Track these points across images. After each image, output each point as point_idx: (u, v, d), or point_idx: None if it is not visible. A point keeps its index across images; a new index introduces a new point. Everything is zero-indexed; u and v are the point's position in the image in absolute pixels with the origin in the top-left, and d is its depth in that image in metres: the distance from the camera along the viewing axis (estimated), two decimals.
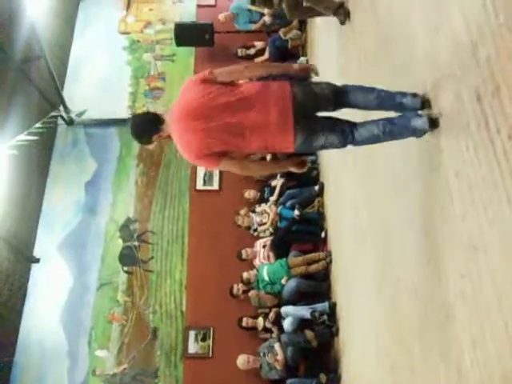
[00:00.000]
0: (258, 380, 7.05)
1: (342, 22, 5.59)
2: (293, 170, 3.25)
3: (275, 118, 2.95)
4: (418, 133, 3.01)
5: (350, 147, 3.20)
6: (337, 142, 3.07)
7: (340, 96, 3.13)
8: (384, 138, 3.07)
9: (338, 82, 3.25)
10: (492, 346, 2.40)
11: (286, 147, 3.02)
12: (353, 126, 3.09)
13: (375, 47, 4.53)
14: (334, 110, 3.13)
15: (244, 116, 2.97)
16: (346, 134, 3.05)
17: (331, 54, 6.69)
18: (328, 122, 3.11)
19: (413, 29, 3.46)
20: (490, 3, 2.37)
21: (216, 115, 2.99)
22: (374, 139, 3.11)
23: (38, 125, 8.29)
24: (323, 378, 6.33)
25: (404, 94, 3.08)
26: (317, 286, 6.96)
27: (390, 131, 3.02)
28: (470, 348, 2.61)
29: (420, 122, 2.96)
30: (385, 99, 3.10)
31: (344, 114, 3.24)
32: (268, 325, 7.08)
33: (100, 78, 10.28)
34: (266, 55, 9.58)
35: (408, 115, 3.02)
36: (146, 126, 3.24)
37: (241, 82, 3.21)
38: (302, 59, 8.96)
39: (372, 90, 3.16)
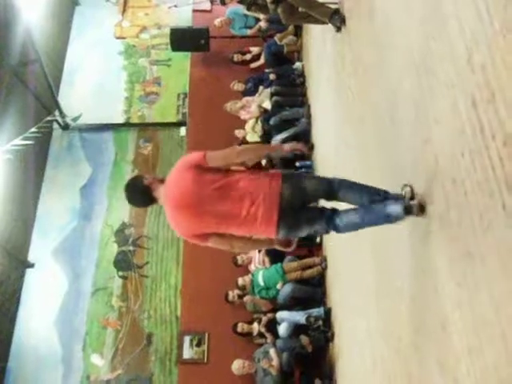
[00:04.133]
0: None
1: (338, 29, 5.60)
2: (279, 248, 3.41)
3: (262, 213, 3.08)
4: (393, 219, 3.09)
5: (333, 233, 3.33)
6: (320, 230, 3.26)
7: (331, 195, 3.24)
8: (364, 225, 3.20)
9: (331, 175, 3.37)
10: (488, 355, 2.39)
11: (270, 236, 3.21)
12: (336, 214, 3.19)
13: (371, 53, 4.53)
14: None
15: (233, 206, 3.10)
16: (330, 223, 3.18)
17: (327, 59, 6.70)
18: (313, 213, 3.24)
19: (408, 36, 3.47)
20: (485, 11, 2.38)
21: (207, 203, 3.11)
22: (354, 227, 3.24)
23: (33, 129, 8.27)
24: (318, 383, 6.32)
25: (390, 198, 3.13)
26: (312, 292, 6.96)
27: (369, 220, 3.15)
28: (466, 356, 2.61)
29: (395, 209, 3.05)
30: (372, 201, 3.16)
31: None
32: (261, 329, 7.07)
33: (95, 83, 10.28)
34: (262, 60, 9.59)
35: (386, 202, 3.10)
36: (143, 201, 3.42)
37: (234, 168, 3.31)
38: (298, 64, 8.98)
39: (360, 191, 3.21)
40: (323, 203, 3.42)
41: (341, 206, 3.32)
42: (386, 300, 4.07)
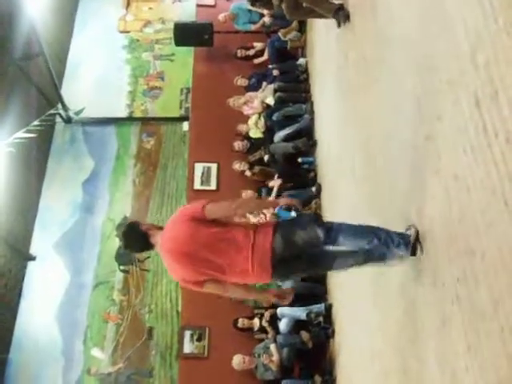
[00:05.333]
0: (253, 381, 7.04)
1: (342, 24, 5.59)
2: (275, 301, 3.55)
3: (255, 267, 3.15)
4: (387, 262, 3.25)
5: None
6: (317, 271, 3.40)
7: (327, 243, 3.24)
8: (360, 265, 3.35)
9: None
10: (487, 351, 2.40)
11: (265, 282, 3.39)
12: (332, 258, 3.29)
13: (374, 50, 4.53)
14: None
15: (228, 259, 3.17)
16: (325, 264, 3.34)
17: (330, 55, 6.69)
18: (308, 263, 3.29)
19: (412, 33, 3.46)
20: (490, 8, 2.38)
21: (202, 255, 3.17)
22: (350, 267, 3.38)
23: (35, 122, 8.26)
24: (318, 379, 6.34)
25: (392, 241, 3.18)
26: (313, 288, 6.96)
27: (367, 263, 3.29)
28: (465, 352, 2.61)
29: (397, 250, 3.16)
30: (371, 253, 3.25)
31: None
32: (264, 323, 7.07)
33: (99, 77, 10.27)
34: (265, 56, 9.58)
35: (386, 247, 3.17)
36: (140, 246, 3.44)
37: (235, 220, 3.38)
38: (302, 60, 8.96)
39: (361, 236, 3.23)
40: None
41: None
42: (386, 297, 4.07)
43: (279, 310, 6.87)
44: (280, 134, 8.25)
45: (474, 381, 2.51)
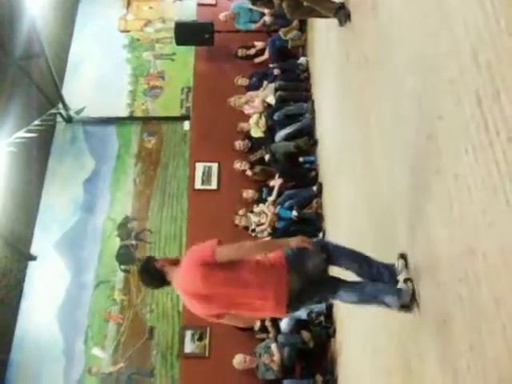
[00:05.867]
0: (255, 380, 7.05)
1: (343, 24, 5.59)
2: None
3: (271, 306, 3.29)
4: (389, 306, 3.40)
5: None
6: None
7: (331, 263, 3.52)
8: (361, 304, 3.54)
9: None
10: (489, 350, 2.40)
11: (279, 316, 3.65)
12: (335, 292, 3.45)
13: (375, 49, 4.52)
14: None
15: (242, 299, 3.31)
16: (333, 296, 3.51)
17: (331, 54, 6.69)
18: (317, 296, 3.53)
19: (413, 32, 3.46)
20: (491, 8, 2.37)
21: (216, 296, 3.31)
22: (352, 303, 3.59)
23: (36, 122, 8.26)
24: (319, 379, 6.34)
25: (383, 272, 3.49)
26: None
27: (368, 301, 3.47)
28: (467, 351, 2.61)
29: (391, 300, 3.35)
30: (364, 272, 3.50)
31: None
32: (267, 323, 7.07)
33: (99, 76, 10.26)
34: (266, 55, 9.57)
35: (384, 291, 3.40)
36: (157, 284, 3.56)
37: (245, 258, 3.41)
38: (303, 59, 8.96)
39: (355, 261, 3.53)
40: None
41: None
42: None
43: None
44: (281, 134, 8.25)
45: (476, 380, 2.51)
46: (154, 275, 3.43)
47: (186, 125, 9.76)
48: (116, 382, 7.90)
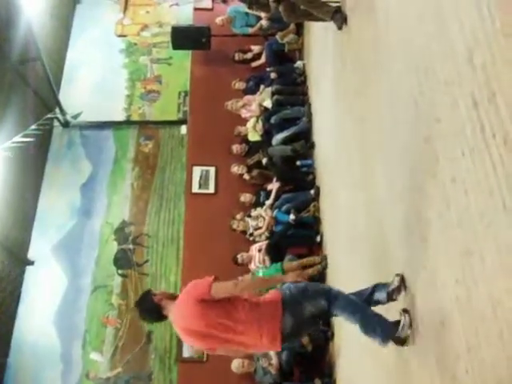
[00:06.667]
0: None
1: (339, 27, 5.60)
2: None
3: (264, 342, 3.36)
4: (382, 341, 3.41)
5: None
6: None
7: (326, 316, 3.61)
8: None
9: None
10: (487, 353, 2.40)
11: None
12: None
13: (372, 52, 4.53)
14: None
15: (237, 336, 3.37)
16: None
17: (328, 58, 6.70)
18: (311, 328, 3.63)
19: (409, 35, 3.47)
20: (487, 9, 2.38)
21: (212, 333, 3.37)
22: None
23: (33, 127, 8.26)
24: (318, 382, 6.32)
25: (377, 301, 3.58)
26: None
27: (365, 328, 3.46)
28: (465, 354, 2.61)
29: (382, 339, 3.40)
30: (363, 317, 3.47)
31: None
32: None
33: (96, 81, 10.27)
34: (263, 59, 9.59)
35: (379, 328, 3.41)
36: (154, 318, 3.63)
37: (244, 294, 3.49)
38: (299, 63, 8.97)
39: (353, 314, 3.47)
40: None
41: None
42: None
43: None
44: (278, 137, 8.25)
45: (474, 382, 2.51)
46: (151, 309, 3.49)
47: (183, 129, 9.77)
48: None
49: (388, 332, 3.37)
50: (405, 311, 3.41)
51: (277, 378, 6.68)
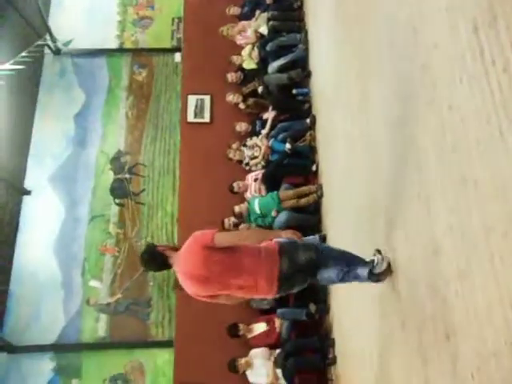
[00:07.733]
0: (250, 310, 7.17)
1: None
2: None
3: (264, 286, 3.59)
4: (364, 280, 3.75)
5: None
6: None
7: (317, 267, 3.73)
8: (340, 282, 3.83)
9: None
10: (477, 277, 2.45)
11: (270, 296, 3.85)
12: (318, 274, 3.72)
13: None
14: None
15: (238, 280, 3.59)
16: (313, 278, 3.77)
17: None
18: (304, 277, 3.74)
19: None
20: None
21: (214, 278, 3.58)
22: (331, 282, 4.09)
23: (23, 54, 8.08)
24: (312, 307, 6.47)
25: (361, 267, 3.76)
26: (307, 220, 7.01)
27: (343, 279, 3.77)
28: (455, 279, 2.67)
29: (365, 274, 3.71)
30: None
31: None
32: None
33: (87, 6, 9.97)
34: None
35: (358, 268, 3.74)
36: (159, 267, 3.80)
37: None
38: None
39: (338, 259, 3.75)
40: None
41: None
42: (380, 227, 4.12)
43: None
44: (274, 65, 8.09)
45: (464, 304, 2.58)
46: (157, 258, 3.66)
47: (178, 56, 9.57)
48: (114, 312, 8.08)
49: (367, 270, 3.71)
50: (378, 251, 3.76)
51: (272, 303, 6.85)
